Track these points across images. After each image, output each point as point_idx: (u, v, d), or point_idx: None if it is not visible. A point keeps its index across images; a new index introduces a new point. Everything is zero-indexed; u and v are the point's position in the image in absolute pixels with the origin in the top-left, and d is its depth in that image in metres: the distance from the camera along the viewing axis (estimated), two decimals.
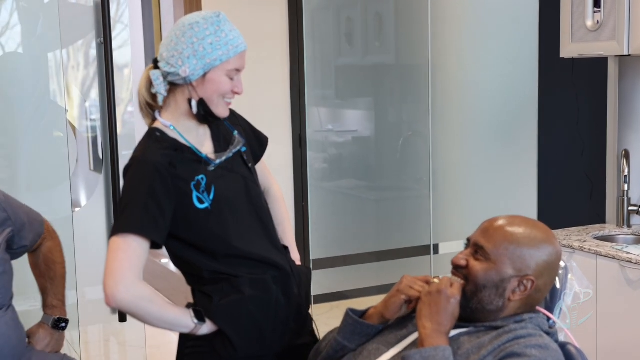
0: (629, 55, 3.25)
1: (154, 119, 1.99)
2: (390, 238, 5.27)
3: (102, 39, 3.53)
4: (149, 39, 6.34)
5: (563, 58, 3.52)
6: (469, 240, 1.78)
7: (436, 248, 4.95)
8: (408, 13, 5.19)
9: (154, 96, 1.95)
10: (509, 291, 1.70)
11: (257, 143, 2.20)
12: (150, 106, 1.98)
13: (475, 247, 1.74)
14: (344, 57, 5.23)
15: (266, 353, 2.02)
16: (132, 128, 3.91)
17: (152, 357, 2.23)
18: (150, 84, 1.94)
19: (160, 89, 1.92)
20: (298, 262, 2.18)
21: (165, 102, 1.95)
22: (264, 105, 2.96)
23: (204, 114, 1.94)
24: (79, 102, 3.67)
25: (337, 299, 4.86)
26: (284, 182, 4.57)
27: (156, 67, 1.94)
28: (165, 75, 1.92)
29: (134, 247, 1.83)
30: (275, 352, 2.04)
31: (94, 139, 3.66)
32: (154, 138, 1.94)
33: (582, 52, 3.40)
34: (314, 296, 4.81)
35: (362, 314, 1.82)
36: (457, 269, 1.74)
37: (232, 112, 2.10)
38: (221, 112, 1.96)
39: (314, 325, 2.18)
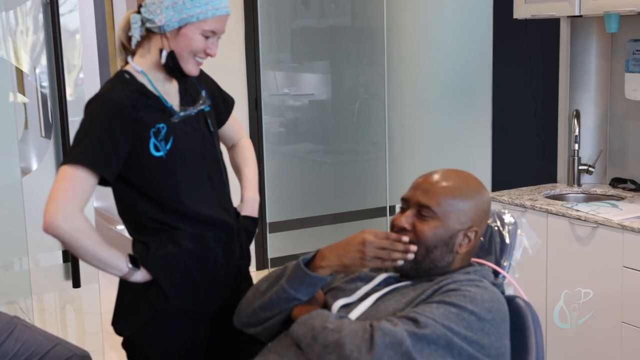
0: (581, 16, 3.29)
1: (127, 63, 2.00)
2: (347, 200, 5.29)
3: None
4: (99, 5, 6.22)
5: (516, 19, 3.55)
6: (406, 200, 1.77)
7: (392, 209, 4.99)
8: None
9: (130, 39, 1.98)
10: (457, 245, 1.73)
11: (224, 104, 2.23)
12: (125, 49, 2.00)
13: (418, 207, 1.73)
14: (300, 20, 5.20)
15: (201, 309, 2.04)
16: (82, 94, 3.84)
17: (107, 323, 2.22)
18: (129, 26, 1.96)
19: (136, 32, 1.94)
20: (255, 202, 2.21)
21: (140, 47, 1.97)
22: (219, 69, 2.92)
23: (172, 67, 1.95)
24: (29, 68, 3.59)
25: None
26: None
27: (139, 11, 1.95)
28: (144, 21, 1.93)
29: (81, 179, 1.84)
30: (210, 309, 2.06)
31: (44, 105, 3.60)
32: (122, 79, 1.95)
33: (535, 13, 3.43)
34: (270, 259, 4.83)
35: (312, 258, 1.75)
36: (400, 231, 1.73)
37: (201, 72, 2.12)
38: (190, 69, 1.97)
39: None
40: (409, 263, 1.72)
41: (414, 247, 1.70)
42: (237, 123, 2.32)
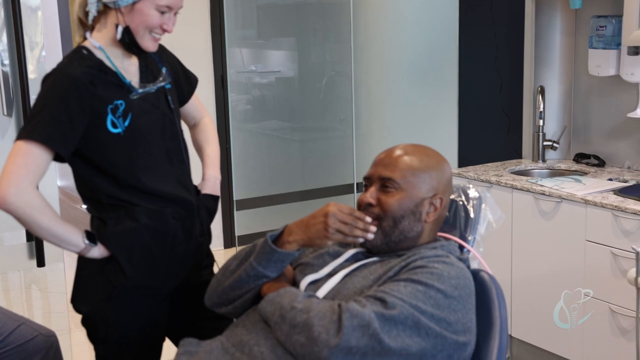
0: None
1: (85, 39, 1.98)
2: (314, 177, 5.30)
3: None
4: None
5: None
6: (368, 177, 1.79)
7: (360, 186, 5.01)
8: None
9: (87, 14, 1.95)
10: (424, 213, 1.75)
11: (187, 82, 2.21)
12: (83, 24, 1.98)
13: (381, 181, 1.75)
14: None
15: (160, 286, 2.04)
16: (44, 72, 3.79)
17: None
18: (85, 2, 1.94)
19: (92, 7, 1.92)
20: (217, 180, 2.21)
21: (97, 23, 1.95)
22: (184, 47, 2.90)
23: (128, 43, 1.93)
24: None
25: None
26: None
27: None
28: None
29: (35, 154, 1.83)
30: (170, 285, 2.06)
31: (6, 83, 3.54)
32: (80, 55, 1.93)
33: None
34: (238, 237, 4.83)
35: (280, 234, 1.76)
36: (367, 208, 1.75)
37: (163, 49, 2.12)
38: (146, 45, 1.95)
39: (215, 265, 2.21)
40: (378, 238, 1.73)
41: (373, 228, 1.72)
42: (200, 102, 2.30)
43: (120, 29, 1.91)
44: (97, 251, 1.95)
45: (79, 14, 1.96)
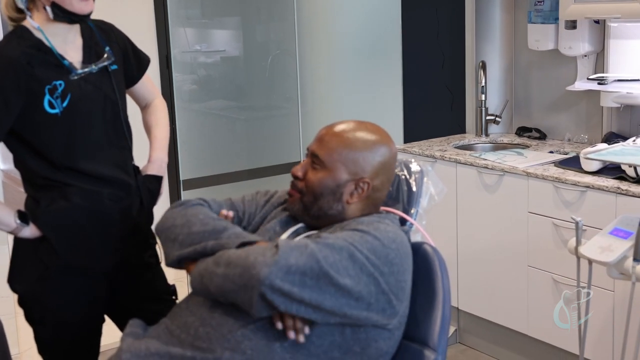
0: None
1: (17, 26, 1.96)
2: (261, 156, 5.29)
3: None
4: None
5: None
6: (308, 149, 1.82)
7: None
8: None
9: (17, 9, 1.94)
10: (346, 194, 1.75)
11: (137, 62, 2.20)
12: (16, 20, 1.96)
13: (312, 157, 1.77)
14: None
15: (94, 266, 2.04)
16: None
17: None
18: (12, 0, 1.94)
19: (19, 2, 1.92)
20: (162, 163, 2.20)
21: (33, 6, 1.93)
22: (127, 27, 2.84)
23: (64, 17, 1.92)
24: None
25: None
26: None
27: None
28: None
29: None
30: (106, 266, 2.06)
31: None
32: (18, 34, 1.92)
33: None
34: None
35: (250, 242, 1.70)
36: (295, 180, 1.78)
37: (112, 28, 2.11)
38: (78, 8, 1.92)
39: (157, 248, 2.20)
40: (299, 208, 1.76)
41: (305, 330, 1.60)
42: (152, 83, 2.29)
43: (48, 9, 1.90)
44: (29, 231, 1.95)
45: (7, 14, 1.96)
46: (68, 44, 1.97)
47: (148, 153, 2.22)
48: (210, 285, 1.59)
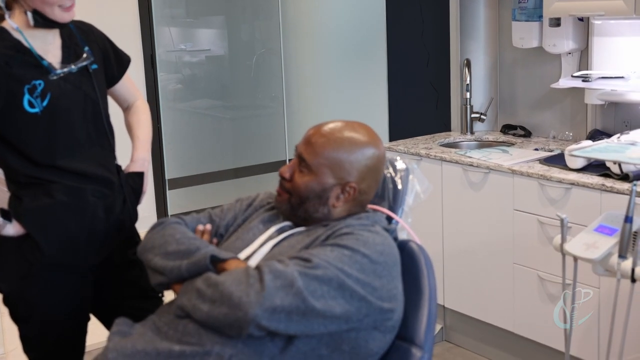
0: None
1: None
2: (246, 155, 5.29)
3: None
4: None
5: None
6: (295, 149, 1.80)
7: None
8: None
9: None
10: (333, 198, 1.74)
11: (117, 62, 2.20)
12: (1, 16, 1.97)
13: (299, 159, 1.76)
14: None
15: (79, 263, 2.03)
16: None
17: None
18: None
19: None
20: (145, 162, 2.19)
21: (12, 10, 1.94)
22: (112, 27, 2.82)
23: (45, 22, 1.93)
24: None
25: None
26: None
27: None
28: None
29: None
30: (90, 263, 2.06)
31: None
32: None
33: None
34: (171, 216, 4.78)
35: (223, 260, 1.70)
36: (282, 180, 1.78)
37: (91, 28, 2.12)
38: (60, 17, 1.94)
39: None
40: (287, 208, 1.76)
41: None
42: (133, 84, 2.29)
43: (30, 15, 1.91)
44: (12, 229, 1.95)
45: None
46: (47, 45, 1.98)
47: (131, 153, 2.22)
48: (195, 317, 1.59)
